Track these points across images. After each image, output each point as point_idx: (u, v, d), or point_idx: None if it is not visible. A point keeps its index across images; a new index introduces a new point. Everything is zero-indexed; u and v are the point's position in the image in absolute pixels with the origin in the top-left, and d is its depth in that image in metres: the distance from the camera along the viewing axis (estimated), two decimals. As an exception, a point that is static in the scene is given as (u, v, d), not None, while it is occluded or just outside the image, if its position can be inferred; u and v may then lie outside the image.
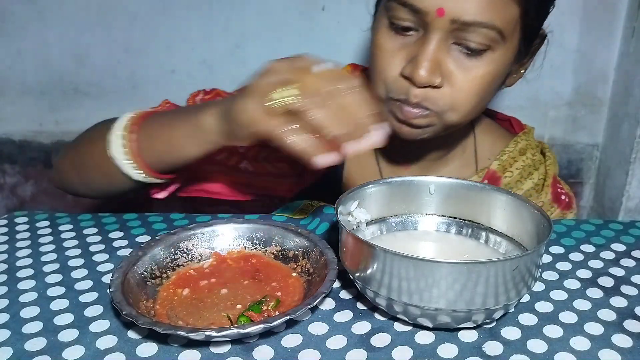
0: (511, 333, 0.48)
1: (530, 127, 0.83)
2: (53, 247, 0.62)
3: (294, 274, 0.55)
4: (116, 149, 0.62)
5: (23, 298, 0.53)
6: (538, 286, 0.55)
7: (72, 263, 0.59)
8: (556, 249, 0.62)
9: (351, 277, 0.50)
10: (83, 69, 1.27)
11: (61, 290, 0.54)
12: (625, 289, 0.55)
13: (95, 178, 0.68)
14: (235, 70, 1.25)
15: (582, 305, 0.52)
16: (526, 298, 0.53)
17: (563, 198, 0.80)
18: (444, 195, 0.59)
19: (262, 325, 0.44)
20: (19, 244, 0.63)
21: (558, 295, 0.53)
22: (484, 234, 0.57)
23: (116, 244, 0.63)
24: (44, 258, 0.60)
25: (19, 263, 0.59)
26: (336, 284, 0.54)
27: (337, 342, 0.46)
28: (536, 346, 0.46)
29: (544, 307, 0.51)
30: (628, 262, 0.60)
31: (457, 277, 0.43)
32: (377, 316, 0.50)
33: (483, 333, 0.48)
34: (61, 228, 0.67)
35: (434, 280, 0.43)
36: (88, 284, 0.55)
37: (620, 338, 0.47)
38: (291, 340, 0.47)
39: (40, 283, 0.55)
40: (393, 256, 0.44)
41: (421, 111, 0.64)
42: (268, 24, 1.20)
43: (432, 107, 0.63)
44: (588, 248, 0.63)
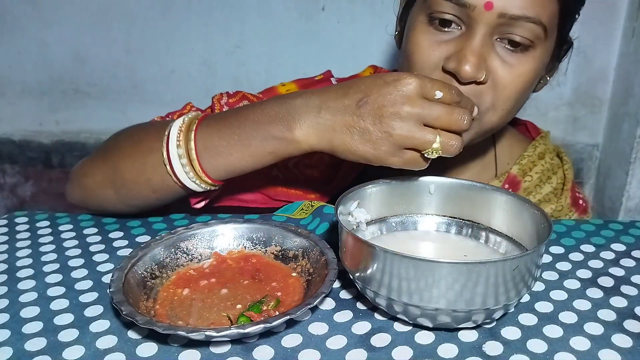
0: (511, 333, 0.48)
1: (546, 131, 0.83)
2: (53, 247, 0.62)
3: (294, 274, 0.55)
4: (176, 165, 0.59)
5: (23, 298, 0.53)
6: (538, 286, 0.55)
7: (72, 263, 0.59)
8: (556, 249, 0.62)
9: (351, 277, 0.50)
10: (83, 69, 1.27)
11: (61, 290, 0.54)
12: (625, 289, 0.55)
13: (141, 194, 0.64)
14: (235, 70, 1.25)
15: (582, 305, 0.52)
16: (526, 298, 0.53)
17: (581, 203, 0.80)
18: (444, 195, 0.59)
19: (262, 325, 0.44)
20: (19, 244, 0.63)
21: (558, 295, 0.53)
22: (484, 234, 0.57)
23: (116, 244, 0.63)
24: (44, 258, 0.60)
25: (19, 263, 0.59)
26: (336, 284, 0.54)
27: (337, 342, 0.46)
28: (536, 346, 0.46)
29: (544, 307, 0.51)
30: (628, 262, 0.60)
31: (457, 277, 0.43)
32: (377, 316, 0.50)
33: (483, 333, 0.48)
34: (61, 228, 0.67)
35: (434, 280, 0.43)
36: (88, 284, 0.55)
37: (620, 338, 0.47)
38: (291, 340, 0.47)
39: (40, 283, 0.55)
40: (393, 256, 0.44)
41: None
42: (268, 24, 1.20)
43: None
44: (588, 248, 0.63)
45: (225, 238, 0.58)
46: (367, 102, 0.52)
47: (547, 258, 0.60)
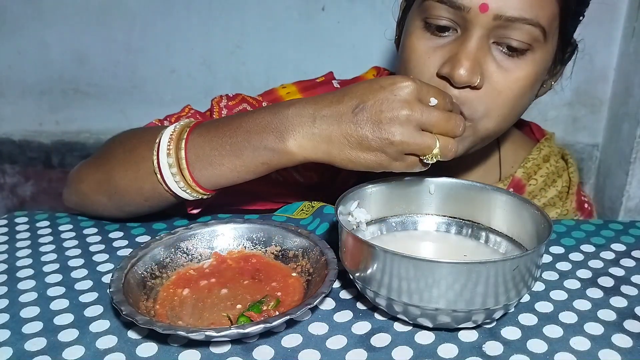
0: (511, 333, 0.48)
1: (550, 133, 0.82)
2: (53, 247, 0.62)
3: (294, 274, 0.55)
4: (166, 174, 0.58)
5: (23, 298, 0.53)
6: (538, 286, 0.55)
7: (72, 263, 0.59)
8: (556, 249, 0.62)
9: (351, 277, 0.50)
10: (83, 69, 1.27)
11: (61, 290, 0.54)
12: (625, 289, 0.55)
13: (133, 201, 0.63)
14: (235, 70, 1.25)
15: (582, 305, 0.52)
16: (526, 298, 0.53)
17: (586, 206, 0.79)
18: (444, 195, 0.59)
19: (262, 325, 0.44)
20: (19, 244, 0.63)
21: (558, 295, 0.53)
22: (484, 234, 0.57)
23: (116, 244, 0.63)
24: (44, 258, 0.60)
25: (19, 263, 0.59)
26: (336, 284, 0.54)
27: (337, 342, 0.46)
28: (536, 346, 0.46)
29: (544, 307, 0.51)
30: (628, 262, 0.60)
31: (457, 277, 0.43)
32: (377, 316, 0.50)
33: (483, 333, 0.48)
34: (61, 228, 0.67)
35: (434, 280, 0.43)
36: (88, 284, 0.55)
37: (620, 338, 0.47)
38: (291, 340, 0.47)
39: (40, 283, 0.55)
40: (393, 256, 0.44)
41: None
42: (268, 24, 1.20)
43: (469, 113, 0.59)
44: (588, 248, 0.63)
45: (225, 238, 0.58)
46: (364, 109, 0.51)
47: (547, 258, 0.60)
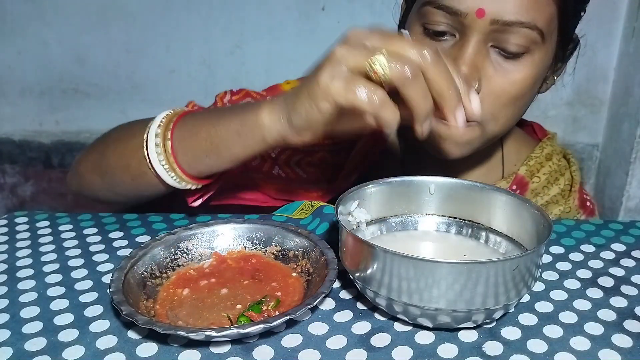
0: (511, 333, 0.48)
1: (553, 133, 0.83)
2: (53, 247, 0.62)
3: (294, 274, 0.55)
4: (150, 148, 0.59)
5: (23, 298, 0.53)
6: (538, 286, 0.55)
7: (72, 263, 0.59)
8: (556, 249, 0.62)
9: (351, 277, 0.50)
10: (83, 69, 1.27)
11: (61, 290, 0.54)
12: (625, 289, 0.55)
13: (122, 181, 0.64)
14: (235, 70, 1.25)
15: (582, 305, 0.52)
16: (526, 298, 0.53)
17: (588, 205, 0.80)
18: (444, 195, 0.59)
19: (262, 325, 0.44)
20: (19, 244, 0.63)
21: (558, 295, 0.53)
22: (484, 234, 0.57)
23: (116, 244, 0.63)
24: (44, 258, 0.60)
25: (19, 263, 0.59)
26: (336, 284, 0.54)
27: (337, 342, 0.46)
28: (536, 346, 0.46)
29: (544, 307, 0.51)
30: (628, 262, 0.60)
31: (457, 277, 0.43)
32: (377, 316, 0.50)
33: (483, 333, 0.48)
34: (61, 228, 0.67)
35: (434, 280, 0.43)
36: (88, 284, 0.55)
37: (620, 338, 0.47)
38: (291, 340, 0.47)
39: (40, 283, 0.55)
40: (393, 256, 0.44)
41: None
42: (268, 24, 1.20)
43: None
44: (588, 248, 0.63)
45: (225, 238, 0.58)
46: (320, 67, 0.50)
47: (547, 258, 0.60)
